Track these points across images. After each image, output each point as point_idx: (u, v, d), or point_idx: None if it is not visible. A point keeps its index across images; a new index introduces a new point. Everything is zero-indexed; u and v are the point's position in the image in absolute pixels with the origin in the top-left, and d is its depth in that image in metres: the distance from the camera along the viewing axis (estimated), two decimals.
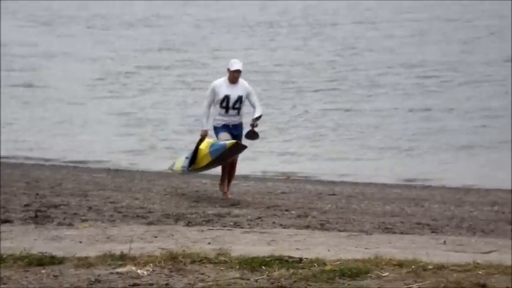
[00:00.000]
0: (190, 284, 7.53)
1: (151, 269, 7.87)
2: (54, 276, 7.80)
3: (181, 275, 7.76)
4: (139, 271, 7.83)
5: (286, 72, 23.77)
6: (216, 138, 12.91)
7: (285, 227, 11.21)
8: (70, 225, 11.09)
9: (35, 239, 9.64)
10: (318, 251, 8.79)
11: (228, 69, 12.82)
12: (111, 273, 7.81)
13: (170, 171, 14.13)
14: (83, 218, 11.69)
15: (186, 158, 13.27)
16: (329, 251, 8.94)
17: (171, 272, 7.82)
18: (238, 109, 12.82)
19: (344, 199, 13.70)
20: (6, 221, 11.31)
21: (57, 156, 18.00)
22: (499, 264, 7.83)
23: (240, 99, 12.76)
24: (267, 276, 7.66)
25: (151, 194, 13.85)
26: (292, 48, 25.96)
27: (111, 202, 12.92)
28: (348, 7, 30.93)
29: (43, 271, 7.93)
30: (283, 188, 14.79)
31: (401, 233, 11.03)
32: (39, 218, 11.67)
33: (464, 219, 12.13)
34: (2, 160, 17.14)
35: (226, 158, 12.85)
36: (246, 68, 23.17)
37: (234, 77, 12.75)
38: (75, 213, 11.99)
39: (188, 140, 18.63)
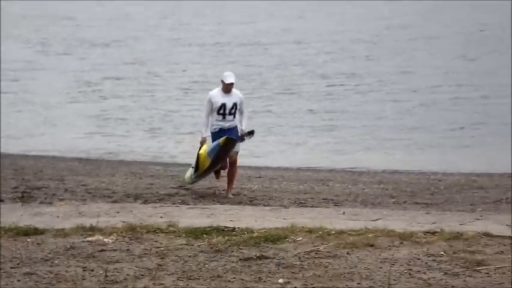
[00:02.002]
0: (146, 249, 7.51)
1: (115, 238, 7.83)
2: (37, 243, 7.75)
3: (139, 242, 7.74)
4: (105, 239, 7.79)
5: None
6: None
7: (221, 203, 11.22)
8: (50, 203, 10.98)
9: (21, 215, 9.52)
10: (247, 221, 8.82)
11: (222, 81, 11.63)
12: (82, 241, 7.77)
13: (181, 182, 12.72)
14: (60, 197, 11.59)
15: (192, 167, 12.08)
16: (256, 221, 8.97)
17: (130, 240, 7.80)
18: (234, 114, 11.65)
19: (268, 181, 13.73)
20: None
21: (38, 148, 17.78)
22: (383, 229, 7.98)
23: (235, 106, 11.60)
24: (207, 242, 7.68)
25: (114, 178, 13.75)
26: (235, 63, 25.94)
27: (82, 185, 12.80)
28: (286, 30, 31.01)
29: (28, 240, 7.87)
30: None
31: (312, 206, 11.11)
32: (24, 198, 11.54)
33: (358, 195, 12.25)
34: None
35: (224, 156, 11.64)
36: (197, 78, 23.31)
37: (227, 88, 11.55)
38: (53, 194, 11.88)
39: (146, 137, 18.58)
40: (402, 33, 29.16)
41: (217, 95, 11.63)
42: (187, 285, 6.54)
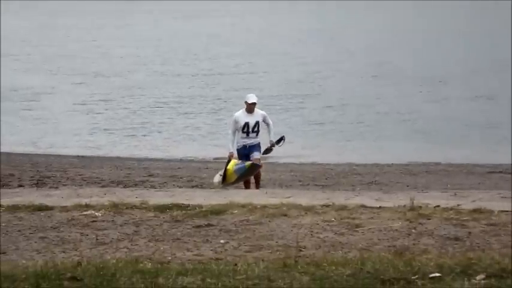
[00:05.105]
0: (126, 220, 7.49)
1: (103, 212, 7.78)
2: (48, 216, 7.67)
3: (120, 215, 7.71)
4: (96, 213, 7.74)
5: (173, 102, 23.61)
6: (238, 160, 10.18)
7: (180, 187, 11.19)
8: (56, 188, 10.82)
9: (36, 196, 9.36)
10: (198, 200, 8.79)
11: (246, 102, 10.01)
12: (80, 215, 7.71)
13: (210, 184, 10.96)
14: (64, 184, 11.46)
15: (220, 175, 10.43)
16: (204, 200, 8.92)
17: (114, 214, 7.76)
18: (257, 132, 10.08)
19: (213, 171, 13.66)
20: (20, 186, 11.02)
21: (47, 148, 17.43)
22: (294, 204, 8.05)
23: (257, 124, 10.03)
24: (169, 215, 7.68)
25: (102, 169, 13.60)
26: (204, 88, 25.80)
27: (79, 175, 12.67)
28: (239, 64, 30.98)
29: (41, 214, 7.79)
30: (179, 165, 14.75)
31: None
32: (39, 184, 11.42)
33: (276, 180, 12.37)
34: (15, 151, 16.48)
35: (248, 175, 10.24)
36: (165, 99, 23.09)
37: (250, 108, 9.97)
38: (59, 181, 11.74)
39: (126, 140, 18.33)
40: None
41: (241, 115, 10.03)
42: (155, 245, 6.55)
